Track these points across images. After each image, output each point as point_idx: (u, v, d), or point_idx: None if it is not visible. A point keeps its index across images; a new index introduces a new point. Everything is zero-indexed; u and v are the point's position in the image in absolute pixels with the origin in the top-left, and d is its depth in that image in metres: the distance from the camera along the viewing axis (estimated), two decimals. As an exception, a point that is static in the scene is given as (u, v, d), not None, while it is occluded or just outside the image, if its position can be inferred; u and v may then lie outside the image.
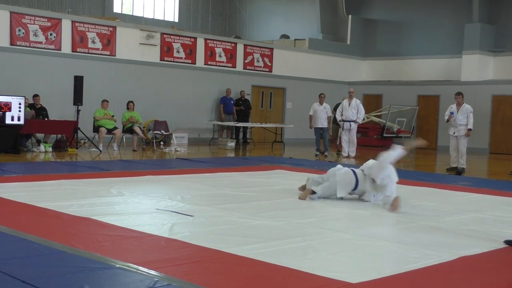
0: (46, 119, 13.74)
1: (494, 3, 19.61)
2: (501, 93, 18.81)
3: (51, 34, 15.26)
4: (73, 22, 15.75)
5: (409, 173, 11.20)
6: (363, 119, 16.50)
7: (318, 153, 15.37)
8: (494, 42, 19.61)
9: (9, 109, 12.41)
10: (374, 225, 6.17)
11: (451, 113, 12.40)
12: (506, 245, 5.31)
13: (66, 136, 13.68)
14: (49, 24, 15.26)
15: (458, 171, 12.06)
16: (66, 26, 15.58)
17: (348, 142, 15.13)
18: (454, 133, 12.43)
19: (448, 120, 12.52)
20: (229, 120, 18.12)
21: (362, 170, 7.43)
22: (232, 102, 18.46)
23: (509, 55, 19.35)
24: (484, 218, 6.66)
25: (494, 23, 19.58)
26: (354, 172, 7.43)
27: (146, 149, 15.03)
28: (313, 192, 7.42)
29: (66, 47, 15.59)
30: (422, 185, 9.43)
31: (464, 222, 6.35)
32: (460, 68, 19.68)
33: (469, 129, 12.28)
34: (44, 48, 15.18)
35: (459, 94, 12.54)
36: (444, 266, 4.51)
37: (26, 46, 14.89)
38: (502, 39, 19.47)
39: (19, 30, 14.77)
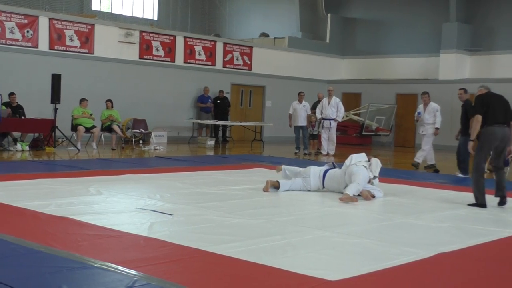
0: (22, 117, 13.58)
1: (471, 3, 19.83)
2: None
3: (28, 32, 15.08)
4: (50, 19, 15.57)
5: (387, 171, 11.28)
6: (343, 117, 16.58)
7: (297, 151, 15.43)
8: (471, 41, 19.83)
9: (-15, 108, 12.25)
10: (353, 223, 6.22)
11: (419, 113, 12.61)
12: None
13: (44, 134, 13.54)
14: (25, 21, 15.06)
15: (435, 169, 12.20)
16: (43, 23, 15.40)
17: (328, 140, 15.22)
18: (422, 131, 12.66)
19: (417, 121, 12.77)
20: (207, 118, 18.07)
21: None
22: (210, 100, 18.40)
23: (485, 54, 19.58)
24: (461, 215, 6.75)
25: (471, 22, 19.81)
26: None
27: (125, 148, 14.93)
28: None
29: (44, 44, 15.42)
30: (400, 182, 9.52)
31: (441, 219, 6.42)
32: (438, 67, 19.88)
33: (437, 128, 12.41)
34: (21, 46, 14.99)
35: (425, 93, 12.74)
36: (422, 262, 4.57)
37: (2, 44, 14.69)
38: (478, 38, 19.70)
39: (-5, 28, 14.57)
